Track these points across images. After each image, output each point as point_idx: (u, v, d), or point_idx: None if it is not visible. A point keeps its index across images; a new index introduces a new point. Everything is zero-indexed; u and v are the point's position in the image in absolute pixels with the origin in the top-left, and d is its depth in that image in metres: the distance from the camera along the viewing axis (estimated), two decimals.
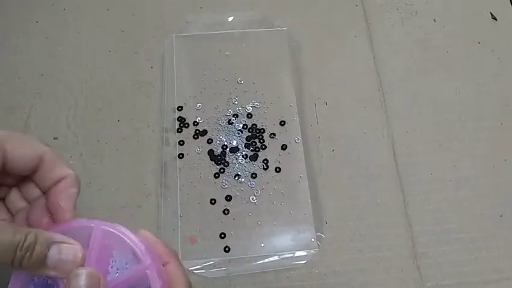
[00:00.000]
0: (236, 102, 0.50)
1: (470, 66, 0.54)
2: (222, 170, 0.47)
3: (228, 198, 0.46)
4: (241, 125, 0.49)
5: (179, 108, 0.49)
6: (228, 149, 0.48)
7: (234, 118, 0.49)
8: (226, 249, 0.44)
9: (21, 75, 0.51)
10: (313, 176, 0.47)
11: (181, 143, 0.48)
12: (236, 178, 0.46)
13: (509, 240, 0.46)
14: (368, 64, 0.53)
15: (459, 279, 0.44)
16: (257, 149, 0.48)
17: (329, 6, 0.57)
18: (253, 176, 0.47)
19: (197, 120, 0.49)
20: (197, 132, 0.48)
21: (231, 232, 0.44)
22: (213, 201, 0.45)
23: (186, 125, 0.49)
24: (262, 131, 0.49)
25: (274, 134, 0.49)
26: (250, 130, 0.49)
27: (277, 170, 0.47)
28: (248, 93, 0.51)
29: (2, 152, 0.27)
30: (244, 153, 0.48)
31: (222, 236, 0.44)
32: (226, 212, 0.45)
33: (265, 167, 0.47)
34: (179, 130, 0.49)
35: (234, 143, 0.48)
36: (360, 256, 0.44)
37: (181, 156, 0.47)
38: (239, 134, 0.48)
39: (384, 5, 0.57)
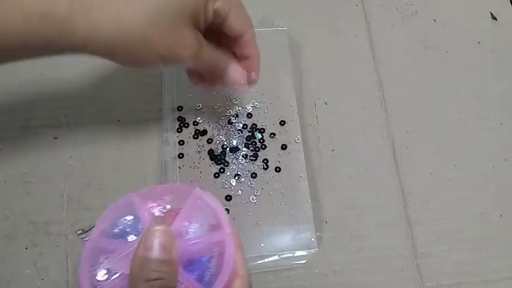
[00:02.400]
0: (236, 102, 0.50)
1: (470, 66, 0.54)
2: (222, 170, 0.47)
3: (228, 198, 0.46)
4: (241, 125, 0.49)
5: (179, 108, 0.49)
6: (228, 149, 0.48)
7: (234, 118, 0.49)
8: None
9: (22, 75, 0.51)
10: (313, 176, 0.47)
11: (181, 143, 0.48)
12: (236, 178, 0.46)
13: (509, 240, 0.46)
14: (368, 64, 0.53)
15: (459, 279, 0.44)
16: (257, 149, 0.48)
17: (329, 6, 0.57)
18: (253, 175, 0.47)
19: (197, 120, 0.49)
20: (197, 132, 0.48)
21: None
22: None
23: (186, 125, 0.49)
24: (262, 130, 0.49)
25: (274, 134, 0.49)
26: (250, 130, 0.49)
27: (277, 169, 0.47)
28: (248, 93, 0.51)
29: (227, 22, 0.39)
30: (244, 153, 0.48)
31: None
32: (226, 212, 0.45)
33: (265, 166, 0.47)
34: (179, 130, 0.49)
35: (234, 142, 0.48)
36: (360, 256, 0.44)
37: (181, 156, 0.47)
38: (239, 133, 0.48)
39: (384, 5, 0.57)
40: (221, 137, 0.48)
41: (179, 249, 0.28)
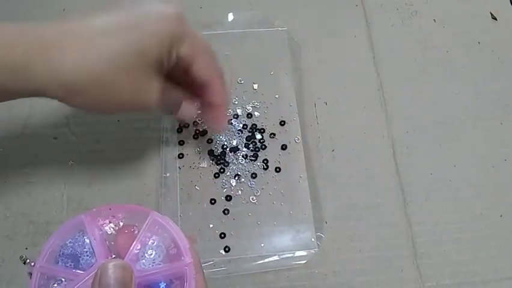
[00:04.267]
0: (236, 102, 0.50)
1: (470, 66, 0.54)
2: (222, 170, 0.47)
3: (228, 198, 0.46)
4: (241, 125, 0.49)
5: None
6: (228, 149, 0.48)
7: (234, 118, 0.49)
8: (226, 249, 0.44)
9: None
10: (313, 176, 0.47)
11: (181, 143, 0.48)
12: (236, 178, 0.46)
13: (509, 240, 0.46)
14: (368, 64, 0.53)
15: (459, 279, 0.44)
16: (257, 149, 0.48)
17: (329, 6, 0.57)
18: (253, 176, 0.47)
19: (197, 120, 0.49)
20: (197, 132, 0.48)
21: (231, 232, 0.44)
22: (213, 201, 0.45)
23: (186, 125, 0.49)
24: (262, 131, 0.49)
25: (274, 134, 0.49)
26: (250, 130, 0.49)
27: (277, 170, 0.47)
28: (248, 93, 0.51)
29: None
30: (244, 153, 0.48)
31: (222, 236, 0.44)
32: (226, 212, 0.45)
33: (265, 167, 0.47)
34: (179, 130, 0.49)
35: (234, 143, 0.48)
36: (360, 256, 0.44)
37: (181, 156, 0.47)
38: (239, 134, 0.48)
39: (384, 5, 0.57)
40: (221, 137, 0.48)
41: (136, 279, 0.27)
